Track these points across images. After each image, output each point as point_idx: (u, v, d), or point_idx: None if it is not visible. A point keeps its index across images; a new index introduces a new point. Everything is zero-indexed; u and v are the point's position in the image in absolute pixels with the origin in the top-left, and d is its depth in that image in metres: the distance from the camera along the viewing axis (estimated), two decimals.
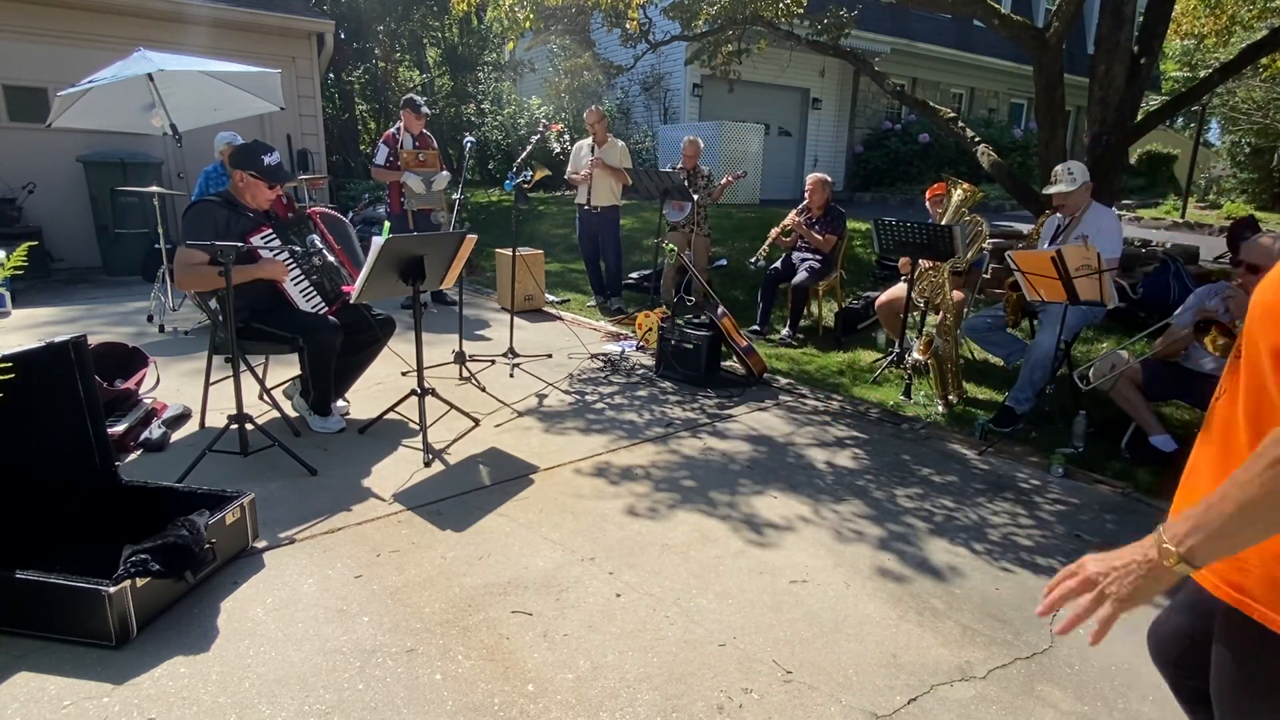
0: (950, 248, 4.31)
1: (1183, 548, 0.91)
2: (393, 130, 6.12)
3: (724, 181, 6.34)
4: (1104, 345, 5.37)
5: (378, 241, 2.98)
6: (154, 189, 5.84)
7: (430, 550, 2.60)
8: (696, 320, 4.84)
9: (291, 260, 3.44)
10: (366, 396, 4.06)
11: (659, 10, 7.87)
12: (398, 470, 3.23)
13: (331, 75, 13.81)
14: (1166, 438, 3.56)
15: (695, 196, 6.06)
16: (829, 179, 5.81)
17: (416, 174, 5.97)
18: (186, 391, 4.01)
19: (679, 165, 6.39)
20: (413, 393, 3.52)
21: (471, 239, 3.66)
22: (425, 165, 6.06)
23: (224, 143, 5.73)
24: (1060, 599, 1.01)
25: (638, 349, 5.39)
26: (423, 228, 6.01)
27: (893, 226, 4.53)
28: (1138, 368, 3.59)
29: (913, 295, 4.58)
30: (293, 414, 3.69)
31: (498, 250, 6.92)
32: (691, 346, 4.65)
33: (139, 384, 3.71)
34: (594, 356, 5.20)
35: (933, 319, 4.46)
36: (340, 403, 3.83)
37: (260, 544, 2.58)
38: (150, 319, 5.61)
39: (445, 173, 6.14)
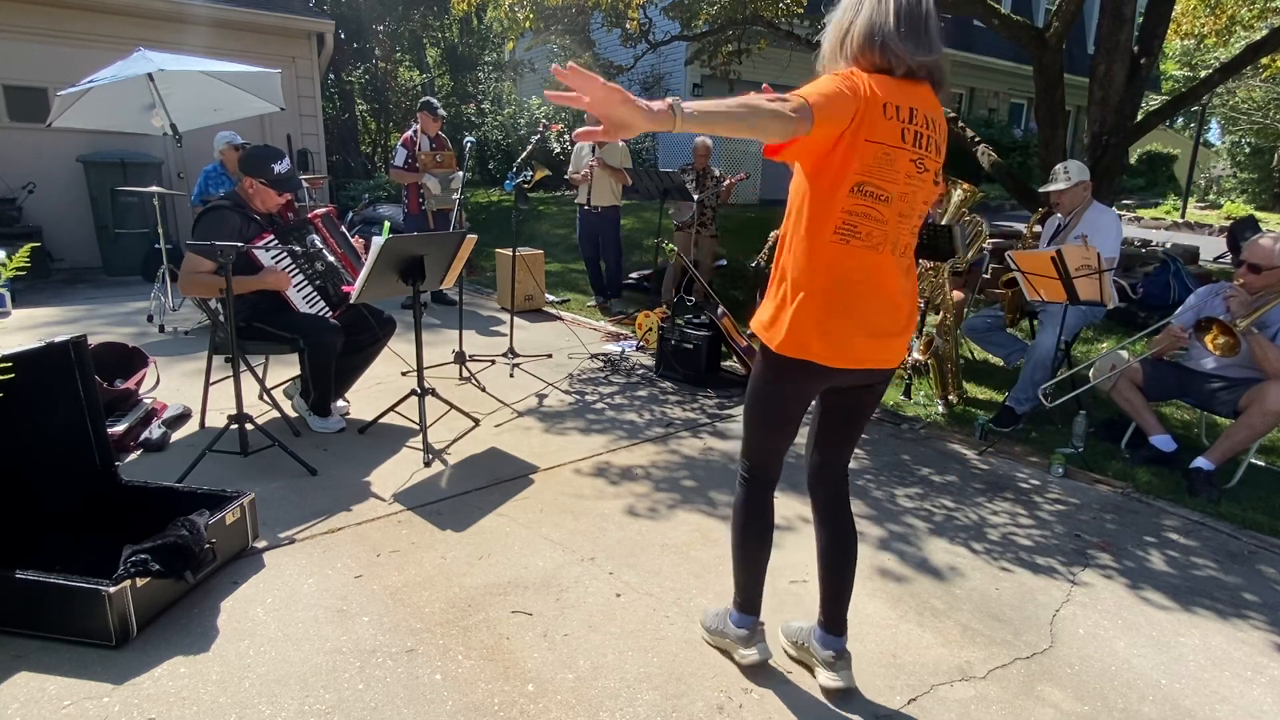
0: (950, 248, 4.30)
1: (683, 108, 1.35)
2: (410, 133, 6.14)
3: (728, 182, 6.35)
4: (1104, 345, 5.37)
5: (378, 241, 2.98)
6: (154, 189, 5.83)
7: (430, 550, 2.60)
8: (696, 320, 4.84)
9: (294, 266, 3.43)
10: (366, 396, 4.06)
11: (659, 10, 7.87)
12: (398, 470, 3.23)
13: (331, 75, 13.81)
14: (1166, 438, 3.56)
15: (697, 197, 6.06)
16: None
17: (434, 175, 5.99)
18: (186, 391, 4.01)
19: (689, 166, 6.39)
20: (413, 393, 3.52)
21: (471, 239, 3.66)
22: (443, 166, 6.09)
23: (224, 142, 5.73)
24: (576, 73, 1.28)
25: (638, 349, 5.39)
26: (443, 228, 6.02)
27: None
28: (1138, 368, 3.59)
29: None
30: (293, 414, 3.69)
31: (498, 250, 6.92)
32: (691, 346, 4.66)
33: (139, 384, 3.71)
34: (594, 356, 5.20)
35: (933, 319, 4.45)
36: (340, 403, 3.83)
37: (260, 544, 2.58)
38: (150, 319, 5.61)
39: (461, 173, 6.15)
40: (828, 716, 1.89)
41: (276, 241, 3.38)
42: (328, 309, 3.51)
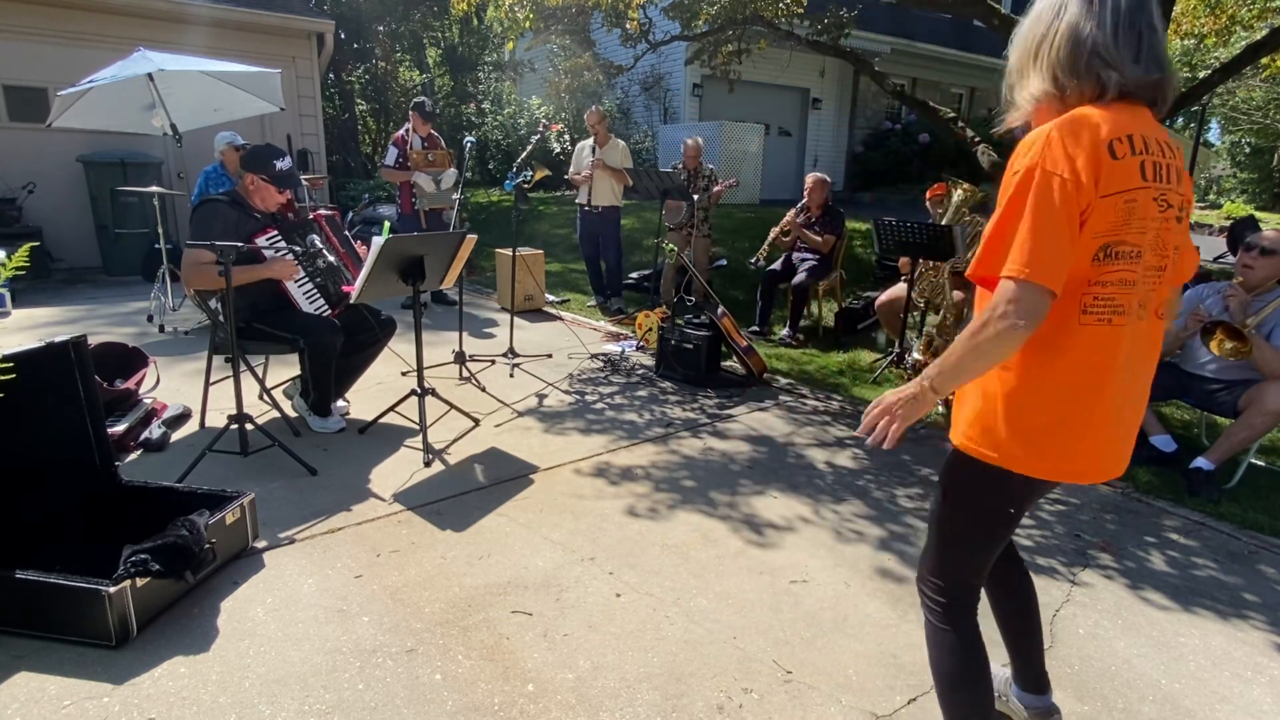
0: (950, 248, 4.31)
1: (929, 381, 1.34)
2: (401, 132, 6.14)
3: (717, 189, 6.35)
4: None
5: (378, 241, 2.98)
6: (154, 189, 5.84)
7: (430, 550, 2.60)
8: (696, 320, 4.84)
9: (296, 262, 3.44)
10: (366, 396, 4.06)
11: (659, 10, 7.86)
12: (398, 470, 3.23)
13: (331, 75, 13.80)
14: (1166, 438, 3.56)
15: (695, 197, 6.06)
16: (827, 179, 5.81)
17: (426, 174, 5.98)
18: (186, 391, 4.01)
19: (680, 164, 6.39)
20: (413, 393, 3.52)
21: (471, 239, 3.66)
22: (435, 165, 6.08)
23: (224, 143, 5.73)
24: (871, 423, 1.40)
25: (638, 349, 5.39)
26: (435, 227, 6.02)
27: (893, 226, 4.53)
28: None
29: (913, 295, 4.58)
30: (293, 414, 3.69)
31: (498, 250, 6.92)
32: (691, 346, 4.65)
33: (139, 384, 3.71)
34: (594, 356, 5.20)
35: (933, 319, 4.46)
36: (340, 403, 3.83)
37: (260, 544, 2.58)
38: (150, 319, 5.61)
39: (453, 170, 6.15)
40: (828, 717, 1.89)
41: (280, 237, 3.39)
42: (327, 307, 3.51)
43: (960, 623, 1.55)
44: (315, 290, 3.50)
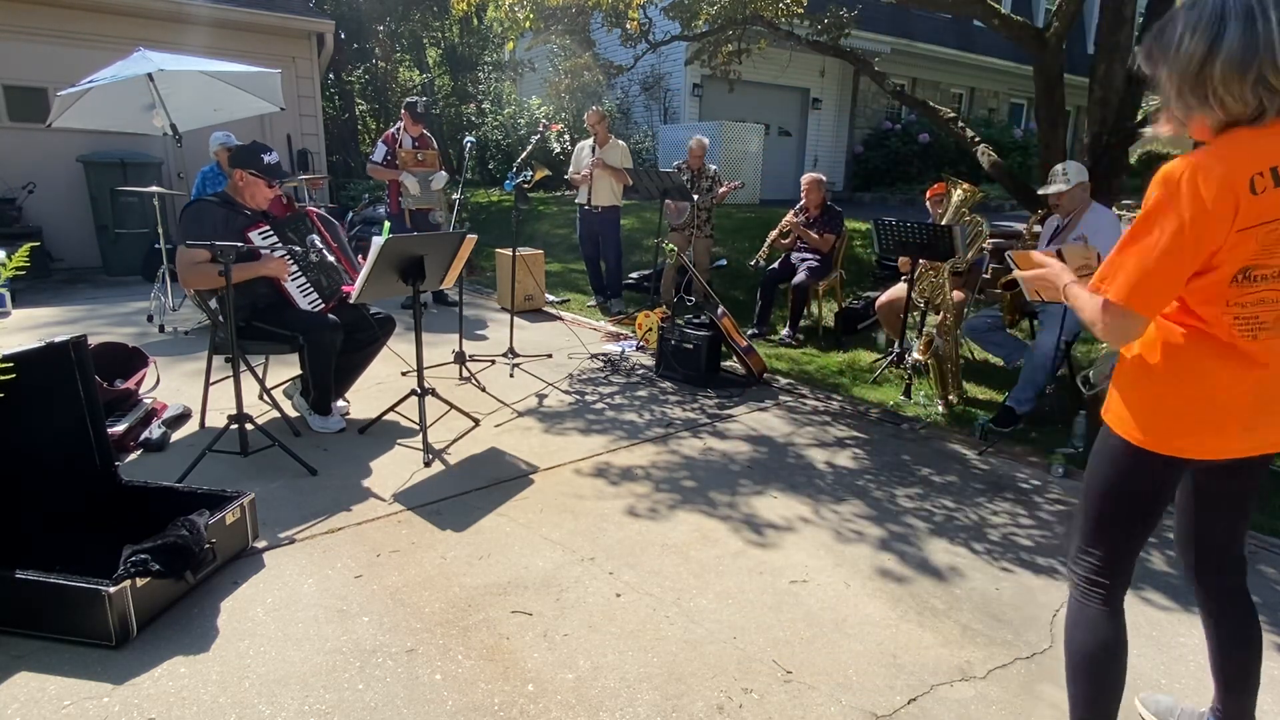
0: (950, 248, 4.31)
1: (1067, 288, 1.64)
2: (392, 130, 6.14)
3: (722, 190, 6.35)
4: (1104, 345, 5.37)
5: (378, 241, 2.98)
6: (154, 189, 5.84)
7: (430, 550, 2.60)
8: (696, 320, 4.84)
9: (289, 257, 3.44)
10: (366, 396, 4.06)
11: (659, 10, 7.86)
12: (398, 470, 3.23)
13: (331, 75, 13.81)
14: None
15: (696, 197, 6.06)
16: (823, 178, 5.81)
17: (414, 174, 5.98)
18: (186, 391, 4.01)
19: (684, 163, 6.38)
20: (413, 393, 3.52)
21: (471, 239, 3.66)
22: (424, 165, 6.07)
23: (218, 143, 5.72)
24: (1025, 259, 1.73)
25: (638, 349, 5.39)
26: (420, 227, 6.03)
27: (893, 226, 4.53)
28: None
29: (913, 295, 4.58)
30: (293, 414, 3.69)
31: (498, 250, 6.92)
32: (691, 346, 4.65)
33: (139, 384, 3.71)
34: (594, 356, 5.20)
35: (933, 319, 4.45)
36: (340, 403, 3.83)
37: (260, 544, 2.58)
38: (150, 319, 5.61)
39: (443, 172, 6.16)
40: (828, 717, 1.89)
41: (272, 232, 3.39)
42: (321, 301, 3.51)
43: (1106, 602, 1.59)
44: (308, 284, 3.50)
